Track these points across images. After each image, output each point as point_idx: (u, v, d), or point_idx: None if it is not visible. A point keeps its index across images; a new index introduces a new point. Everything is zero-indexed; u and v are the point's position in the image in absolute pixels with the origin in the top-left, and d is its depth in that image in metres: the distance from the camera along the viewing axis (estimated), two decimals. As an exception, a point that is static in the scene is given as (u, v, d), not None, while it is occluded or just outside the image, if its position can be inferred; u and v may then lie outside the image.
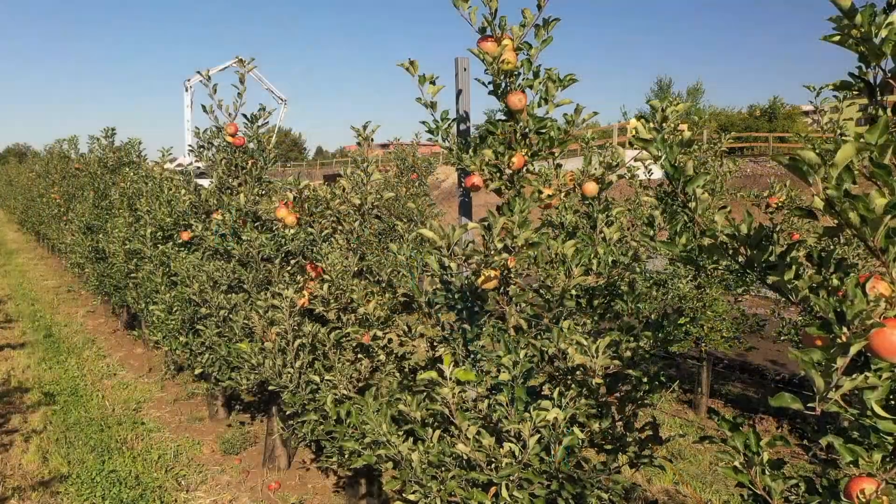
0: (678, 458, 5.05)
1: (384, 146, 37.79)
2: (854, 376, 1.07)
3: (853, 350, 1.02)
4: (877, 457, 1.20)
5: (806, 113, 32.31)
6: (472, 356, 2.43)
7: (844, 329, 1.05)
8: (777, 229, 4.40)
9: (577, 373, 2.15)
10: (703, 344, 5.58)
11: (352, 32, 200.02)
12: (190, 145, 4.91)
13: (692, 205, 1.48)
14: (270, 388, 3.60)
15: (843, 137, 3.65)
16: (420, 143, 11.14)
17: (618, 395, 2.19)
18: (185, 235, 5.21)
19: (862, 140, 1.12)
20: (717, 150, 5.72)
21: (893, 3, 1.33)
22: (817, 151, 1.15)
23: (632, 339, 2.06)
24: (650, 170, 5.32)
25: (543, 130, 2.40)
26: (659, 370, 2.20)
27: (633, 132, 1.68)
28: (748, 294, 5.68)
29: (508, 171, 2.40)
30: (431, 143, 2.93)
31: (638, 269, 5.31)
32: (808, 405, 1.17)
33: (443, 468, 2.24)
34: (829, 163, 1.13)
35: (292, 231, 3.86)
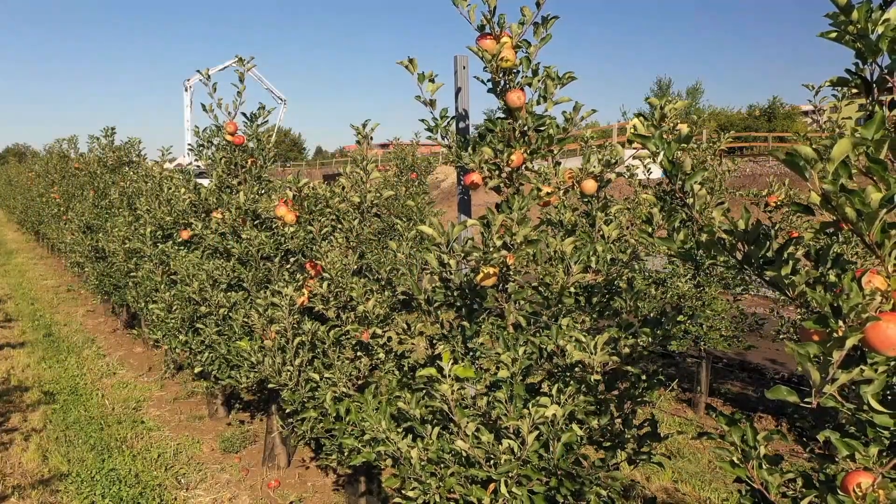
0: (677, 457, 5.06)
1: (384, 146, 37.79)
2: (850, 369, 1.07)
3: (849, 343, 1.02)
4: (873, 451, 1.20)
5: (805, 113, 32.31)
6: (471, 353, 2.44)
7: (840, 323, 1.05)
8: (776, 228, 4.42)
9: (576, 370, 2.16)
10: (702, 343, 5.58)
11: (352, 32, 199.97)
12: (190, 144, 4.91)
13: (690, 201, 1.49)
14: (270, 386, 3.61)
15: (840, 133, 3.65)
16: (419, 143, 11.15)
17: (616, 392, 2.20)
18: (185, 234, 5.22)
19: (858, 135, 1.12)
20: (717, 150, 5.72)
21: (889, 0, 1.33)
22: (814, 147, 1.16)
23: (630, 336, 2.07)
24: (649, 169, 5.33)
25: (542, 128, 2.40)
26: (658, 368, 2.20)
27: (633, 129, 1.69)
28: (747, 293, 5.69)
29: (507, 169, 2.41)
30: (431, 142, 2.94)
31: (637, 268, 5.31)
32: (805, 399, 1.17)
33: (442, 465, 2.24)
34: (825, 158, 1.13)
35: (292, 229, 3.87)
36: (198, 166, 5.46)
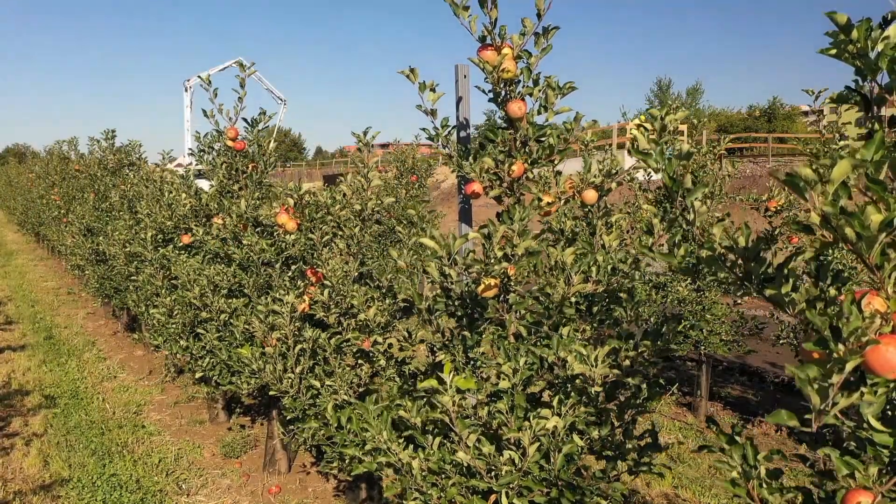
0: (677, 462, 5.06)
1: (384, 146, 37.80)
2: (850, 393, 1.08)
3: (849, 367, 1.03)
4: (873, 470, 1.21)
5: (805, 113, 32.34)
6: (472, 363, 2.44)
7: (840, 346, 1.06)
8: (776, 233, 4.42)
9: (577, 381, 2.16)
10: (703, 347, 5.59)
11: (352, 32, 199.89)
12: (190, 149, 4.92)
13: (690, 216, 1.50)
14: (271, 393, 3.61)
15: (841, 149, 3.67)
16: (420, 144, 11.16)
17: (617, 402, 2.20)
18: (186, 239, 5.22)
19: (858, 157, 1.13)
20: (717, 153, 5.72)
21: (889, 18, 1.34)
22: (814, 167, 1.16)
23: (631, 347, 2.07)
24: (649, 172, 5.33)
25: (543, 138, 2.41)
26: (658, 373, 2.21)
27: (632, 143, 1.69)
28: (748, 295, 5.69)
29: (508, 179, 2.41)
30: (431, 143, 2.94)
31: (637, 275, 5.32)
32: (806, 416, 1.18)
33: (443, 475, 2.25)
34: (825, 179, 1.14)
35: (293, 236, 3.87)
36: (198, 170, 5.46)
